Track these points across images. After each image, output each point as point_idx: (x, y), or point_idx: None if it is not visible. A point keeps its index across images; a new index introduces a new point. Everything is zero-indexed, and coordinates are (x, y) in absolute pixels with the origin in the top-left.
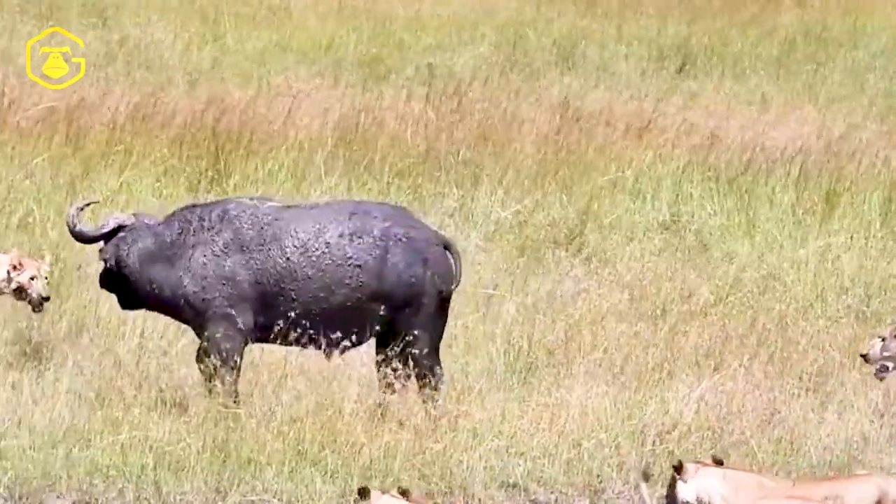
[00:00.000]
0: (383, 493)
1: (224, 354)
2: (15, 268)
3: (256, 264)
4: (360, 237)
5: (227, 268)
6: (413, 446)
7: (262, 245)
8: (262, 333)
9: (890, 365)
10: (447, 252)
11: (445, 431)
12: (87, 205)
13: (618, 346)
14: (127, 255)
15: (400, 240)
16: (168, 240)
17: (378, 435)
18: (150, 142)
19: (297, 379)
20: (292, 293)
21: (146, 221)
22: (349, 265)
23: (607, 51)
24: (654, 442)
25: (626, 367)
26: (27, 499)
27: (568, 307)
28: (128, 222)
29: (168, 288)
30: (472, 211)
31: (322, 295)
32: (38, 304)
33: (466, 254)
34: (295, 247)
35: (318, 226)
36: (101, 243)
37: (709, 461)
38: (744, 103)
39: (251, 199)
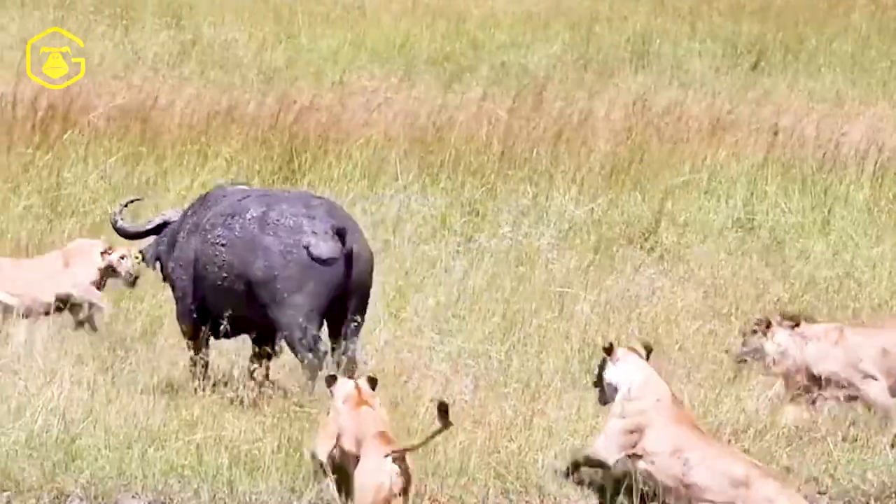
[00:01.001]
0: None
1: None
2: (106, 252)
3: (197, 245)
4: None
5: (185, 250)
6: (488, 445)
7: (206, 230)
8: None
9: (748, 358)
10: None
11: (520, 430)
12: (131, 202)
13: (692, 344)
14: (166, 251)
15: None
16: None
17: (452, 434)
18: (223, 141)
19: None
20: (204, 274)
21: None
22: (220, 246)
23: (681, 48)
24: (728, 441)
25: (701, 366)
26: (102, 499)
27: (642, 306)
28: (174, 218)
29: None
30: (546, 209)
31: (219, 283)
32: (131, 282)
33: (540, 252)
34: (209, 227)
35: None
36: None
37: (639, 346)
38: (818, 100)
39: (232, 183)
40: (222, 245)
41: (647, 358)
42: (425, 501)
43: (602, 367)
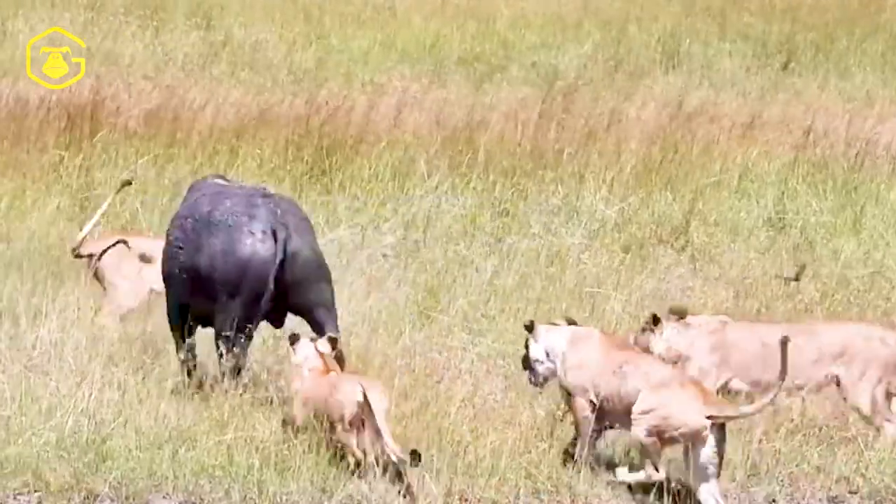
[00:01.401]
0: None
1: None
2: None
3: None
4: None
5: (170, 236)
6: (518, 445)
7: (168, 230)
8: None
9: None
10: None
11: (551, 430)
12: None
13: None
14: None
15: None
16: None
17: (484, 434)
18: (254, 142)
19: (403, 377)
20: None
21: None
22: (177, 248)
23: (711, 48)
24: (760, 440)
25: None
26: (133, 499)
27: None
28: None
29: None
30: (576, 209)
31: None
32: None
33: (571, 252)
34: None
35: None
36: None
37: (561, 321)
38: (849, 100)
39: (215, 176)
40: (179, 247)
41: None
42: (456, 501)
43: (527, 347)
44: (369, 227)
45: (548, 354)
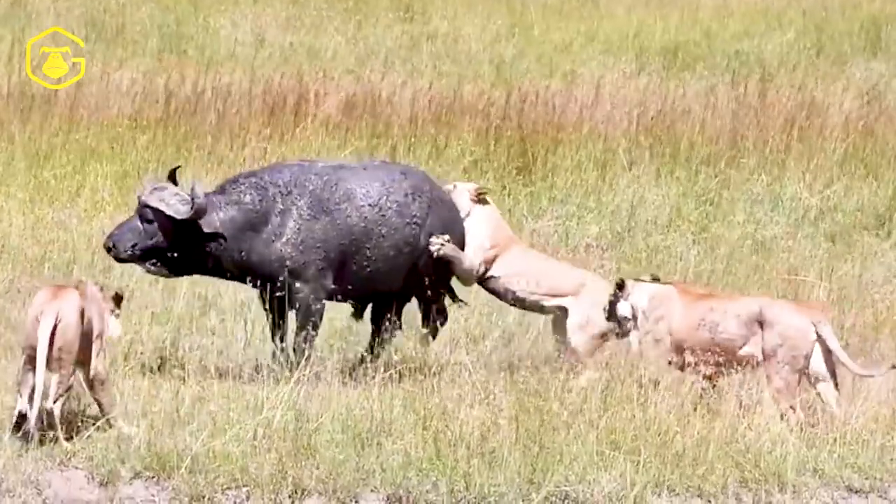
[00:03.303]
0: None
1: (313, 316)
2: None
3: (338, 226)
4: (419, 196)
5: (317, 231)
6: (725, 435)
7: (339, 205)
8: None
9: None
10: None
11: (758, 420)
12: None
13: None
14: (209, 224)
15: (441, 199)
16: (251, 206)
17: (690, 424)
18: (455, 133)
19: (607, 368)
20: (367, 252)
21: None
22: (414, 224)
23: None
24: None
25: None
26: (341, 493)
27: (878, 292)
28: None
29: (256, 254)
30: (780, 197)
31: (392, 253)
32: None
33: (775, 240)
34: (370, 206)
35: (382, 185)
36: None
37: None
38: None
39: (301, 160)
40: (417, 224)
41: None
42: (663, 490)
43: (614, 303)
44: (573, 218)
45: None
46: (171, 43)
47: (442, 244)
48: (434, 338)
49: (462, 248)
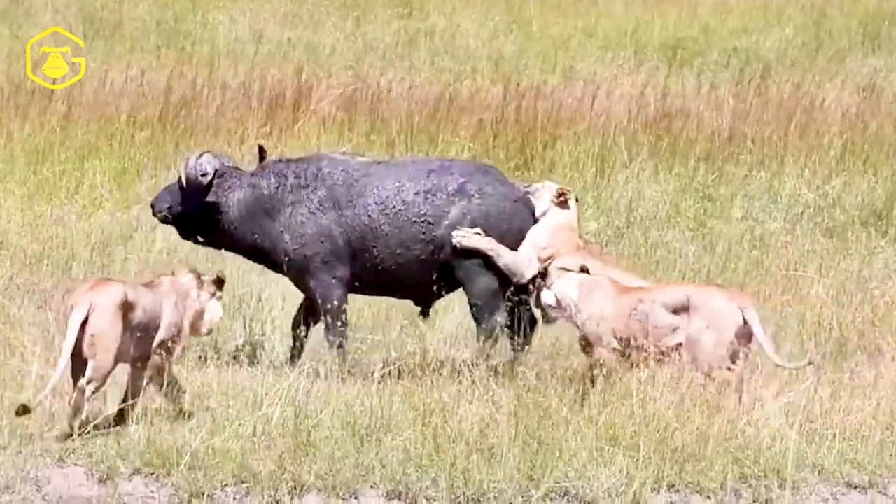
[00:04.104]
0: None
1: (331, 305)
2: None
3: (346, 220)
4: (434, 194)
5: (323, 225)
6: (724, 430)
7: (351, 201)
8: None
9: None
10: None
11: (757, 415)
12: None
13: None
14: (225, 201)
15: (472, 196)
16: (266, 192)
17: (690, 420)
18: (453, 129)
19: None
20: (374, 249)
21: (234, 166)
22: (423, 222)
23: None
24: None
25: None
26: (340, 489)
27: (877, 288)
28: (217, 166)
29: (269, 241)
30: (778, 193)
31: (399, 251)
32: None
33: (773, 235)
34: (376, 203)
35: (397, 183)
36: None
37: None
38: None
39: (343, 153)
40: (429, 222)
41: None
42: (663, 487)
43: (538, 291)
44: None
45: (558, 301)
46: (169, 39)
47: (464, 236)
48: (525, 346)
49: (512, 244)
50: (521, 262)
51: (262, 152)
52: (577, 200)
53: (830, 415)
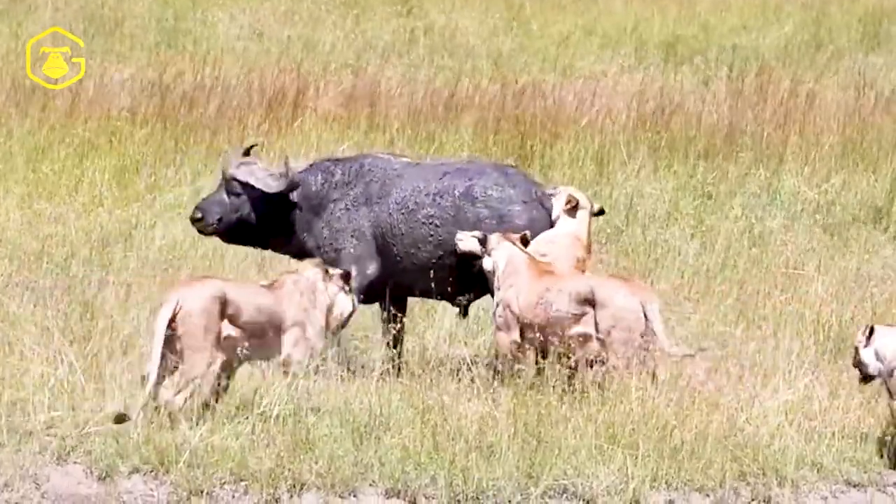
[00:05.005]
0: None
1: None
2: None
3: (374, 217)
4: (442, 196)
5: (355, 221)
6: (724, 428)
7: (380, 199)
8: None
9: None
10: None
11: (756, 413)
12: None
13: None
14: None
15: (477, 199)
16: (313, 189)
17: (689, 418)
18: (453, 127)
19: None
20: (394, 248)
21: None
22: (430, 224)
23: None
24: None
25: None
26: (339, 487)
27: (876, 286)
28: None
29: (313, 239)
30: (777, 190)
31: (412, 251)
32: None
33: (773, 233)
34: (395, 203)
35: (415, 184)
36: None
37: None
38: None
39: (386, 154)
40: (436, 224)
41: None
42: (661, 485)
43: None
44: None
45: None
46: (169, 37)
47: (461, 239)
48: None
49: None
50: None
51: (247, 152)
52: (601, 213)
53: (829, 413)
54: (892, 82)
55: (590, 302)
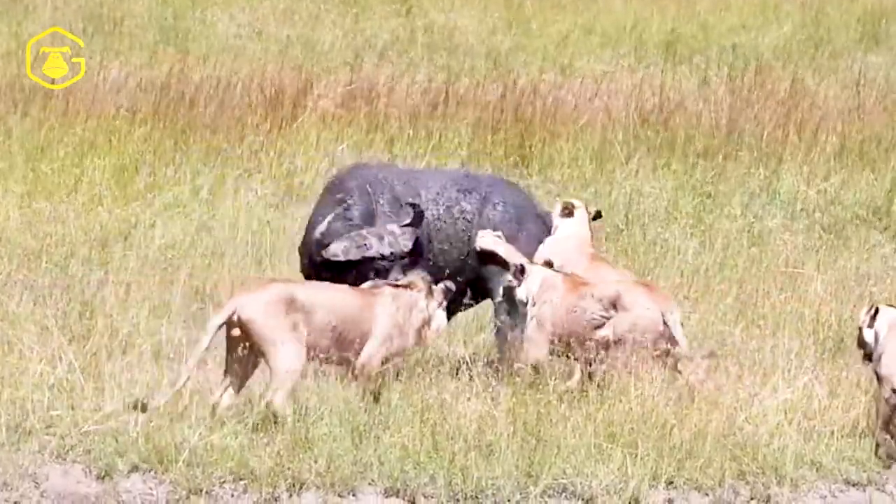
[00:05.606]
0: None
1: None
2: None
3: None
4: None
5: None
6: (723, 427)
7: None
8: None
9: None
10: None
11: (756, 412)
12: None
13: None
14: None
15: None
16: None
17: (688, 417)
18: (453, 126)
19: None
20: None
21: None
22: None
23: None
24: None
25: None
26: (339, 486)
27: (876, 285)
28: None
29: None
30: (777, 189)
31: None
32: None
33: (772, 233)
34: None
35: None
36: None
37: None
38: None
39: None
40: (468, 220)
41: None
42: (661, 484)
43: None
44: None
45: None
46: (168, 36)
47: (482, 236)
48: None
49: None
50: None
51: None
52: (598, 216)
53: (829, 412)
54: (891, 82)
55: (615, 306)
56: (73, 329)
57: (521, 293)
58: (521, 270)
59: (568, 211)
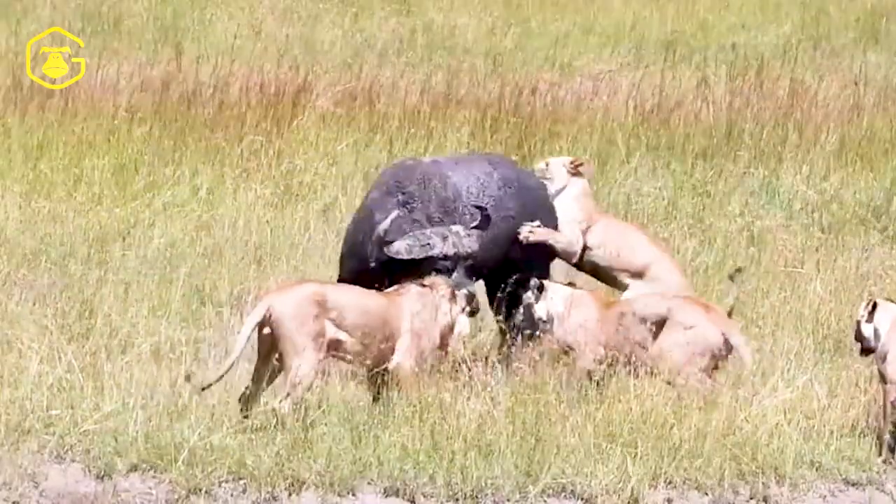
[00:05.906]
0: None
1: None
2: None
3: None
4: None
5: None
6: (722, 427)
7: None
8: None
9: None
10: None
11: (755, 412)
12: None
13: None
14: None
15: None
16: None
17: (688, 416)
18: (452, 126)
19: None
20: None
21: None
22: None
23: None
24: None
25: None
26: (338, 485)
27: (875, 285)
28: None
29: None
30: (776, 189)
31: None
32: None
33: (771, 232)
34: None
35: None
36: None
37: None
38: None
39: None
40: (512, 216)
41: None
42: (661, 483)
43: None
44: None
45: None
46: (167, 35)
47: (531, 231)
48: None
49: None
50: (573, 241)
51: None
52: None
53: (828, 411)
54: (890, 81)
55: (663, 322)
56: (73, 328)
57: (540, 310)
58: (540, 287)
59: (577, 168)
